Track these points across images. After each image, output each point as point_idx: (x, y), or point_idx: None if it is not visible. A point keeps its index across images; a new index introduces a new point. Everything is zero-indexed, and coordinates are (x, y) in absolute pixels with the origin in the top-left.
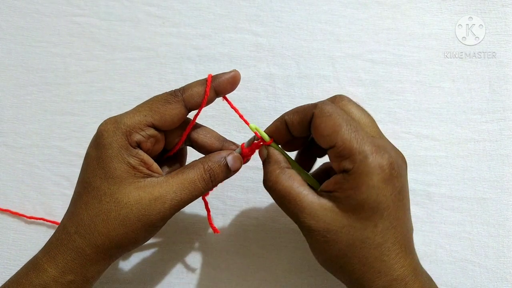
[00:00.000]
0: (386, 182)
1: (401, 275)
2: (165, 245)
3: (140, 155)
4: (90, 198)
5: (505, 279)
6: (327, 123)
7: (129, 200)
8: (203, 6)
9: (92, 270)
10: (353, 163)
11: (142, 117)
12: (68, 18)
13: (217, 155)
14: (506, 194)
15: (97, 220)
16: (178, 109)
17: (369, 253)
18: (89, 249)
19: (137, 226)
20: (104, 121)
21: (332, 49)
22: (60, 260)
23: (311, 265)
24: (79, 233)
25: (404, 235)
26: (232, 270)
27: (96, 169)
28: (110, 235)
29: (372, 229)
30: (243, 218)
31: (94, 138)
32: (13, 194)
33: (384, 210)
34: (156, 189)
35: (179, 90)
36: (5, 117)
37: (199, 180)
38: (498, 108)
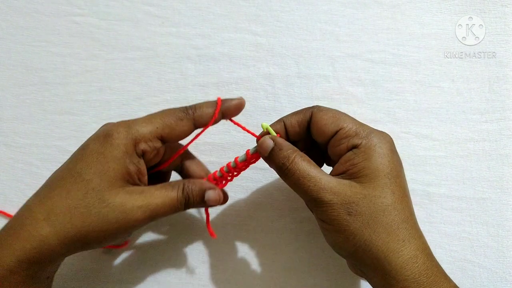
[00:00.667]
0: (392, 152)
1: (422, 246)
2: (164, 246)
3: (140, 165)
4: (75, 188)
5: (504, 279)
6: (328, 114)
7: (114, 202)
8: (203, 6)
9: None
10: (361, 138)
11: (154, 128)
12: (68, 18)
13: (200, 184)
14: (505, 194)
15: (76, 212)
16: (187, 126)
17: (392, 220)
18: (56, 240)
19: (113, 227)
20: (116, 122)
21: (332, 49)
22: (18, 248)
23: (311, 265)
24: (49, 220)
25: (412, 208)
26: (231, 270)
27: (93, 163)
28: (83, 230)
29: (391, 196)
30: (242, 218)
31: (102, 135)
32: (12, 194)
33: (396, 177)
34: (141, 198)
35: (190, 108)
36: (4, 116)
37: (178, 200)
38: (497, 108)
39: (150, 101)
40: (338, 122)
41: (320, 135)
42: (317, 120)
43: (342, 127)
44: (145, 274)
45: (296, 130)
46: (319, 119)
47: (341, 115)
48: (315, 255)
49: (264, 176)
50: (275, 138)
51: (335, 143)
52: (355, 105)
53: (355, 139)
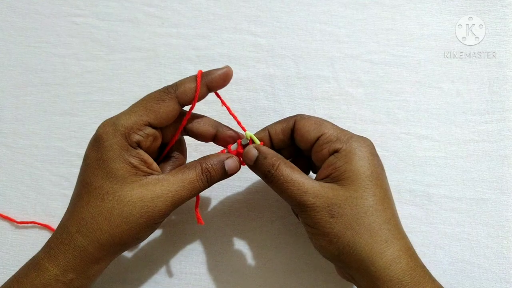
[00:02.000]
0: (372, 155)
1: (405, 246)
2: (164, 246)
3: (141, 155)
4: (92, 198)
5: (504, 279)
6: (310, 121)
7: (132, 198)
8: (202, 6)
9: (94, 268)
10: (341, 143)
11: (138, 117)
12: (68, 19)
13: (216, 157)
14: (505, 195)
15: (100, 218)
16: (172, 106)
17: (374, 221)
18: (91, 248)
19: (140, 223)
20: (102, 123)
21: (332, 49)
22: (61, 259)
23: (310, 265)
24: (81, 232)
25: (395, 209)
26: (231, 270)
27: (97, 170)
28: (113, 232)
29: (372, 197)
30: (242, 219)
31: (93, 140)
32: (12, 195)
33: (377, 178)
34: (157, 187)
35: (171, 86)
36: (4, 117)
37: (197, 180)
38: (497, 108)
39: None
40: (320, 128)
41: (303, 141)
42: (299, 127)
43: (324, 132)
44: (144, 274)
45: (280, 137)
46: (301, 126)
47: (323, 122)
48: (314, 255)
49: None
50: (259, 147)
51: (317, 149)
52: (354, 105)
53: (336, 144)
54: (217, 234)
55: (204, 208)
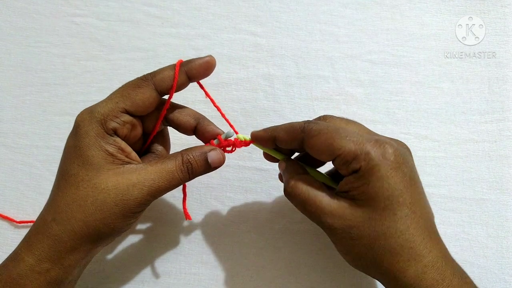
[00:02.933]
0: (394, 170)
1: (431, 260)
2: (164, 246)
3: (118, 143)
4: (67, 185)
5: (504, 280)
6: (319, 141)
7: (107, 186)
8: (202, 6)
9: (69, 258)
10: (359, 162)
11: (114, 104)
12: (67, 19)
13: (199, 149)
14: (505, 195)
15: (74, 206)
16: (148, 93)
17: (395, 242)
18: (66, 236)
19: (114, 211)
20: (80, 112)
21: (331, 49)
22: (36, 248)
23: (310, 265)
24: (56, 220)
25: (425, 220)
26: (230, 270)
27: (74, 157)
28: (87, 221)
29: (392, 218)
30: (242, 219)
31: (72, 129)
32: (12, 195)
33: (399, 196)
34: (134, 176)
35: (150, 74)
36: (4, 117)
37: (177, 171)
38: (497, 108)
39: None
40: (333, 150)
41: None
42: (310, 147)
43: (338, 154)
44: (144, 274)
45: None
46: (312, 147)
47: (334, 137)
48: (314, 255)
49: (263, 177)
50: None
51: (335, 166)
52: (354, 105)
53: (354, 164)
54: (216, 234)
55: (204, 208)
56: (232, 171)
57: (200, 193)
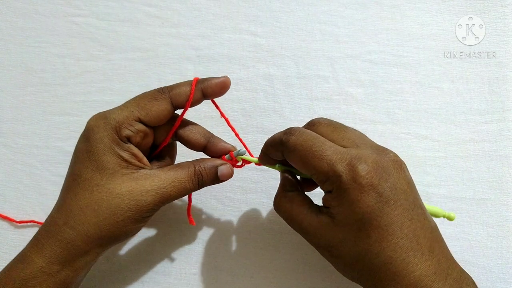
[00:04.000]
0: (366, 193)
1: (414, 281)
2: (164, 246)
3: (131, 149)
4: (81, 189)
5: (504, 279)
6: (294, 158)
7: (121, 191)
8: (202, 6)
9: (81, 260)
10: (332, 184)
11: (129, 113)
12: (67, 19)
13: (211, 161)
14: (505, 195)
15: (88, 210)
16: (164, 106)
17: (371, 264)
18: (79, 240)
19: (128, 216)
20: (93, 116)
21: (331, 49)
22: (48, 251)
23: (310, 265)
24: (69, 224)
25: (409, 238)
26: (231, 270)
27: (87, 162)
28: (101, 225)
29: (366, 240)
30: (242, 219)
31: (84, 133)
32: (12, 195)
33: (372, 220)
34: (148, 182)
35: (166, 87)
36: (4, 117)
37: (188, 181)
38: (497, 108)
39: None
40: (307, 168)
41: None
42: (289, 161)
43: (312, 173)
44: (144, 274)
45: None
46: (290, 161)
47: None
48: (314, 256)
49: (263, 177)
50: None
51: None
52: (354, 106)
53: (327, 185)
54: (217, 234)
55: (204, 208)
56: None
57: (200, 193)
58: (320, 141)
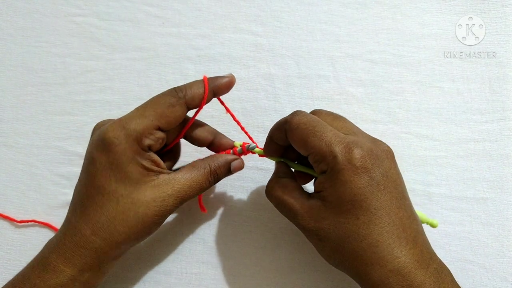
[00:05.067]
0: (358, 175)
1: (398, 266)
2: (164, 246)
3: (152, 157)
4: (106, 201)
5: (504, 279)
6: (296, 135)
7: (146, 199)
8: (203, 6)
9: (109, 265)
10: (327, 164)
11: (149, 122)
12: (68, 18)
13: (223, 158)
14: (506, 194)
15: (116, 221)
16: (181, 111)
17: (358, 246)
18: (108, 248)
19: (153, 221)
20: (110, 126)
21: (332, 49)
22: (77, 260)
23: (310, 265)
24: (97, 235)
25: (396, 225)
26: (231, 270)
27: (110, 174)
28: (130, 232)
29: (354, 222)
30: (242, 219)
31: (102, 144)
32: (13, 194)
33: (362, 201)
34: (169, 188)
35: (180, 90)
36: (4, 117)
37: (205, 181)
38: (498, 108)
39: None
40: (306, 146)
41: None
42: (289, 140)
43: (310, 152)
44: (145, 274)
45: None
46: (290, 140)
47: (309, 135)
48: (314, 255)
49: (264, 176)
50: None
51: (310, 162)
52: (355, 105)
53: (322, 165)
54: (217, 234)
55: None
56: None
57: None
58: (322, 123)
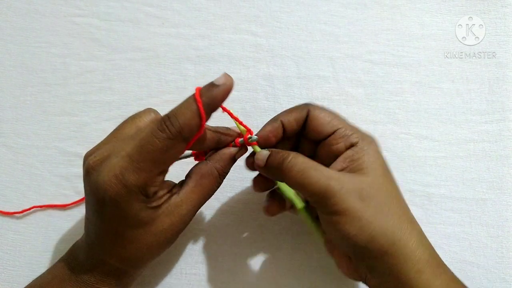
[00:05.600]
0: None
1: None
2: None
3: (159, 195)
4: (127, 242)
5: (504, 280)
6: (324, 113)
7: (164, 228)
8: (203, 6)
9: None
10: (357, 137)
11: (148, 173)
12: (68, 19)
13: (227, 155)
14: (505, 195)
15: (140, 253)
16: (180, 149)
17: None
18: (137, 272)
19: (174, 239)
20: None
21: (332, 49)
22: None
23: (311, 266)
24: (126, 265)
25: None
26: (231, 271)
27: (123, 222)
28: (154, 256)
29: (391, 183)
30: (242, 219)
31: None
32: (12, 195)
33: (388, 169)
34: (183, 209)
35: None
36: (4, 117)
37: (216, 185)
38: (497, 109)
39: (150, 102)
40: (335, 122)
41: (316, 133)
42: (314, 118)
43: (339, 127)
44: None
45: (293, 127)
46: (316, 118)
47: (336, 116)
48: (315, 255)
49: None
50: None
51: (332, 142)
52: (355, 106)
53: (353, 138)
54: (217, 234)
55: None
56: (233, 171)
57: None
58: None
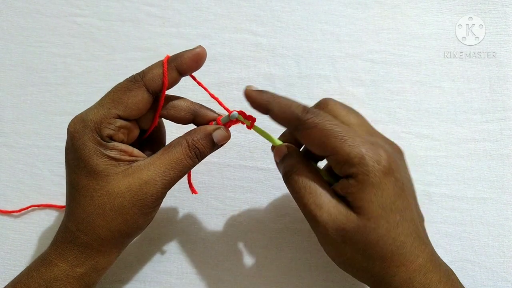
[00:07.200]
0: (387, 177)
1: (419, 265)
2: (164, 246)
3: (117, 146)
4: (82, 197)
5: (505, 278)
6: (313, 135)
7: (120, 190)
8: (203, 6)
9: (101, 261)
10: (352, 167)
11: (106, 111)
12: (68, 19)
13: (202, 130)
14: (506, 194)
15: (94, 215)
16: (140, 95)
17: (387, 249)
18: (95, 243)
19: (133, 212)
20: (72, 121)
21: (332, 49)
22: (69, 255)
23: (311, 265)
24: (81, 231)
25: (415, 225)
26: (232, 270)
27: (78, 170)
28: (110, 226)
29: (385, 226)
30: (242, 219)
31: (67, 141)
32: (13, 195)
33: (391, 204)
34: (144, 173)
35: (139, 74)
36: (5, 117)
37: (185, 158)
38: (498, 108)
39: None
40: (325, 147)
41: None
42: (303, 139)
43: (331, 153)
44: (145, 274)
45: None
46: (305, 139)
47: (329, 135)
48: (315, 255)
49: (264, 176)
50: (290, 146)
51: (330, 163)
52: (355, 105)
53: (347, 168)
54: (218, 233)
55: (204, 208)
56: (233, 171)
57: (200, 193)
58: (339, 124)
